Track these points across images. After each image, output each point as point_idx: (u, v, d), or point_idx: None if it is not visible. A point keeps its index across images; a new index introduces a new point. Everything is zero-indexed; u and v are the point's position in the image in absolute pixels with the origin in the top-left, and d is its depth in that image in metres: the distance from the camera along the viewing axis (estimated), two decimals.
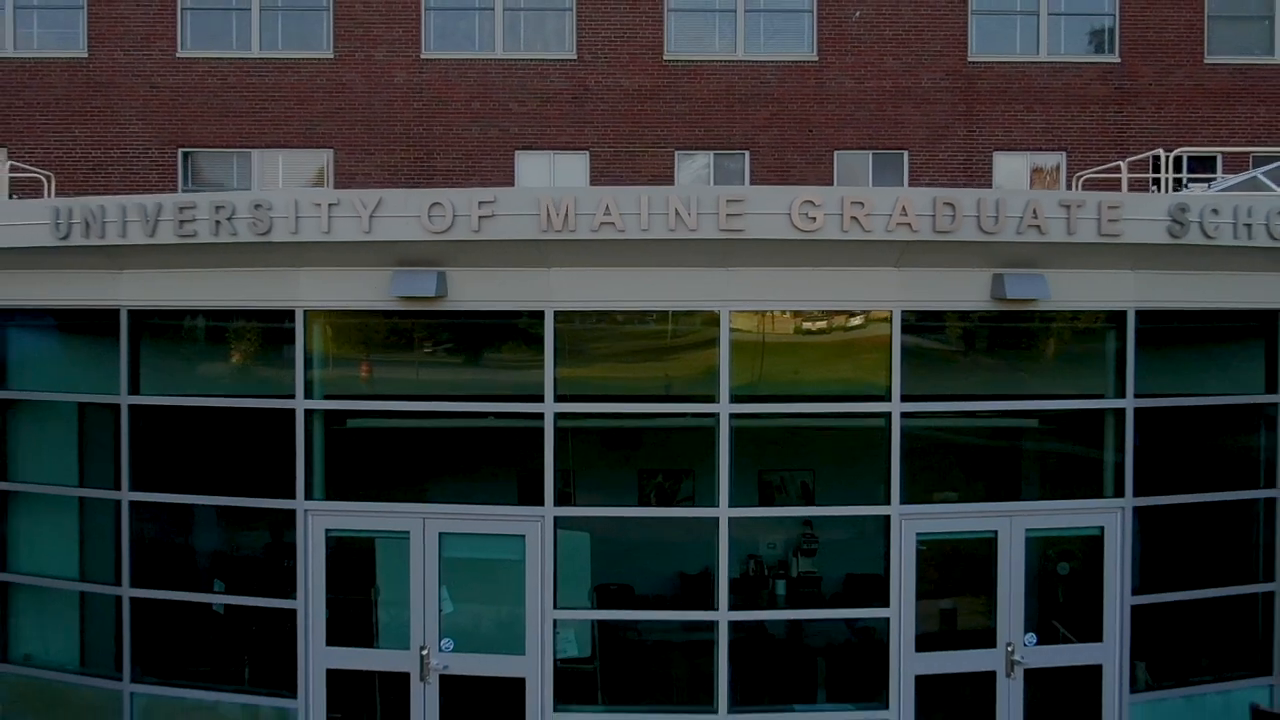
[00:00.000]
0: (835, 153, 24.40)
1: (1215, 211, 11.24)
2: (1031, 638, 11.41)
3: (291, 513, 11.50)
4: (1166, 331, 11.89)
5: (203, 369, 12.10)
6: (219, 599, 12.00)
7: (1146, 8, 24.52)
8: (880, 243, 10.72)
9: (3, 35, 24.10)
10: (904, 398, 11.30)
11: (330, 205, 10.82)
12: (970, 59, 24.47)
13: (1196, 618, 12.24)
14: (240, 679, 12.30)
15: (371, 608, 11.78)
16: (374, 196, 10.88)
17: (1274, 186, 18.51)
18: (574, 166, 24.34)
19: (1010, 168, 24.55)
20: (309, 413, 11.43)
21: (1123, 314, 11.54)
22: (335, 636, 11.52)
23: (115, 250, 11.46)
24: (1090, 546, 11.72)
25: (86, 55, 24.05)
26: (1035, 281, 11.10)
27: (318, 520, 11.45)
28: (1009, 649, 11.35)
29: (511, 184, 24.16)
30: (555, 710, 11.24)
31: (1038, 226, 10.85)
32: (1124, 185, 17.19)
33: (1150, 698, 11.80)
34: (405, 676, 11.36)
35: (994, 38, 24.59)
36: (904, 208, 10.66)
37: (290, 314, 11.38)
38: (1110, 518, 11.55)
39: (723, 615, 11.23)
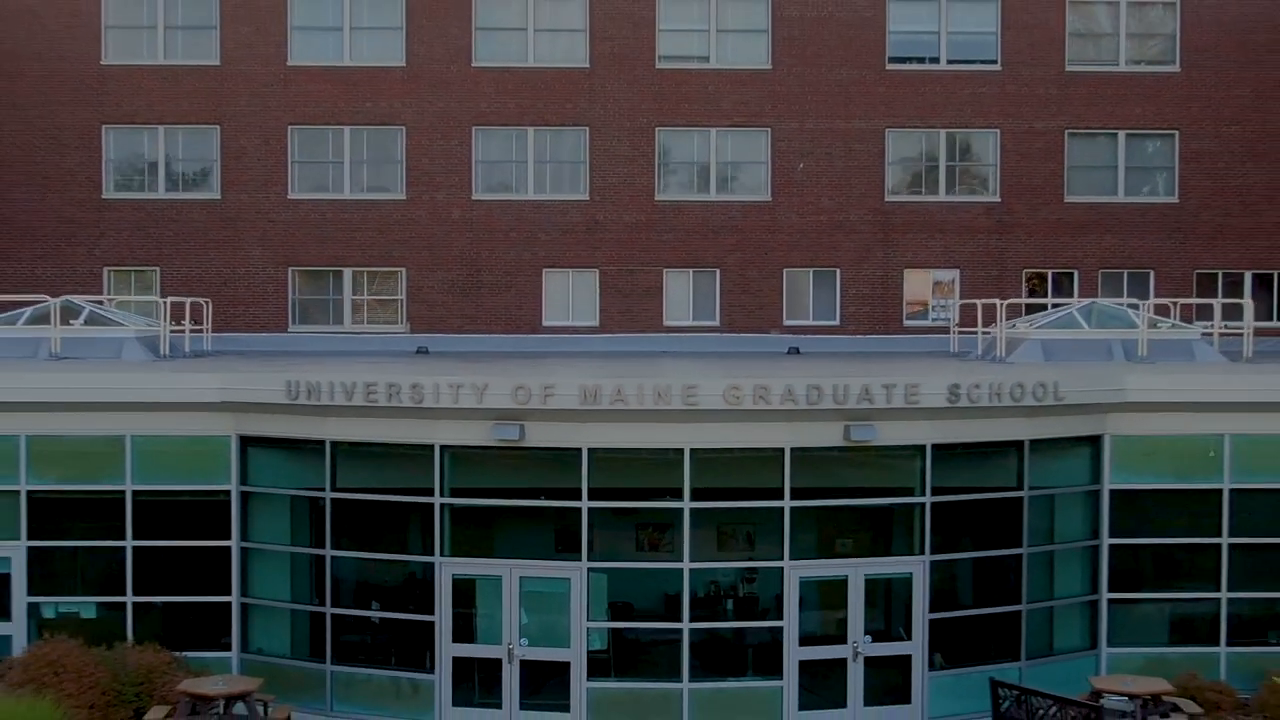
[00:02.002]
0: (784, 270, 32.21)
1: (977, 386, 19.12)
2: (868, 638, 19.24)
3: (431, 564, 19.35)
4: (954, 453, 19.73)
5: (377, 475, 19.93)
6: (383, 614, 19.83)
7: (1021, 160, 32.35)
8: (776, 410, 18.58)
9: (156, 182, 31.90)
10: (792, 496, 19.14)
11: (458, 387, 18.67)
12: (887, 199, 32.28)
13: (977, 624, 20.09)
14: (389, 662, 20.09)
15: (475, 619, 19.59)
16: (484, 380, 18.73)
17: (1084, 323, 26.27)
18: (587, 281, 32.16)
19: (918, 285, 32.39)
20: (443, 505, 19.28)
21: (924, 446, 19.39)
22: (456, 636, 19.37)
23: (325, 407, 19.30)
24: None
25: (220, 197, 31.84)
26: (869, 430, 18.91)
27: (446, 568, 19.32)
28: (854, 644, 19.21)
29: (540, 295, 31.97)
30: (587, 681, 19.06)
31: (869, 399, 18.72)
32: (979, 313, 25.16)
33: (943, 675, 19.66)
34: (498, 661, 19.21)
35: (904, 183, 32.42)
36: (789, 390, 18.53)
37: (431, 447, 19.22)
38: (917, 567, 19.42)
39: (685, 626, 19.08)
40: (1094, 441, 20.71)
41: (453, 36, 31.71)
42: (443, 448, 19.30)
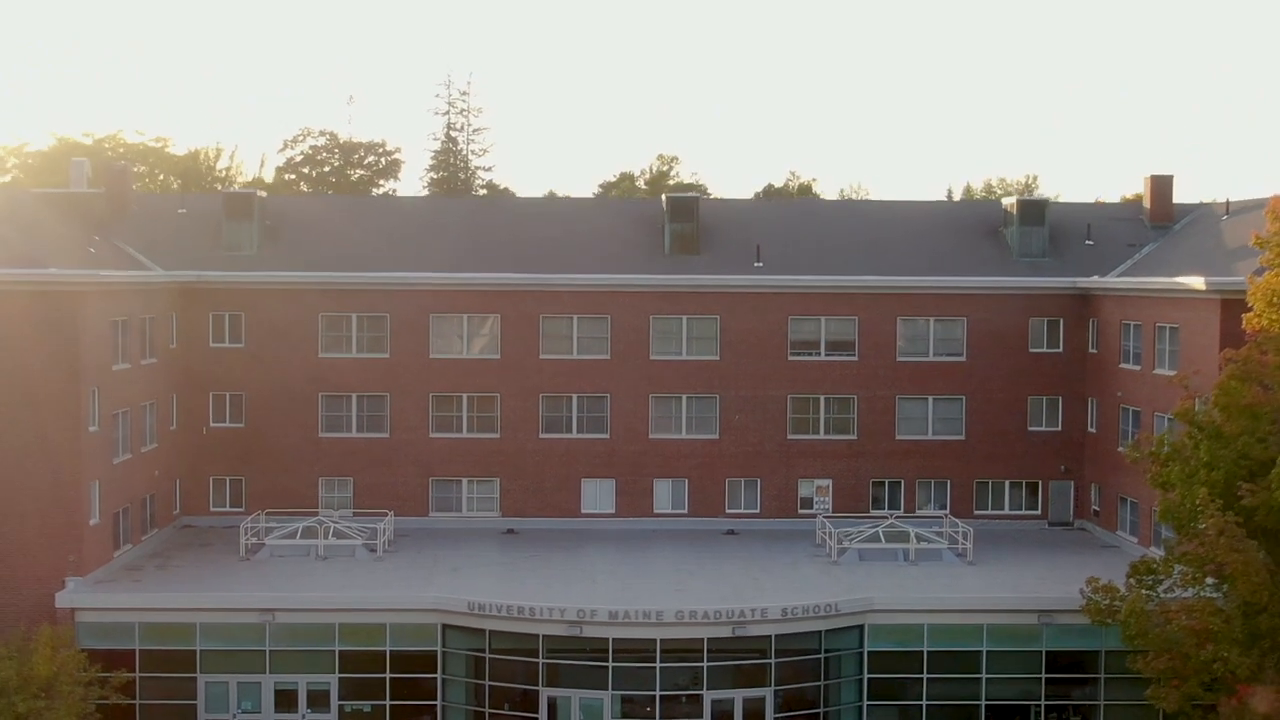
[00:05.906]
0: (726, 479, 53.48)
1: (796, 607, 40.42)
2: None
3: (537, 690, 40.67)
4: (788, 637, 40.90)
5: (510, 645, 41.13)
6: (513, 713, 41.15)
7: (869, 415, 53.48)
8: (699, 621, 39.92)
9: (352, 427, 53.15)
10: (707, 659, 40.41)
11: (550, 608, 40.04)
12: (788, 438, 53.52)
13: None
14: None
15: (558, 716, 40.83)
16: (562, 606, 40.05)
17: (882, 539, 47.68)
18: (608, 486, 53.35)
19: (807, 488, 53.59)
20: (543, 662, 40.60)
21: (771, 635, 40.62)
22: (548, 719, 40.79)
23: (485, 615, 40.62)
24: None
25: (389, 436, 53.13)
26: (744, 629, 40.15)
27: (545, 692, 40.63)
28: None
29: (579, 494, 53.26)
30: None
31: (744, 615, 40.01)
32: (829, 530, 46.54)
33: None
34: None
35: (799, 428, 53.60)
36: (705, 612, 39.89)
37: (537, 635, 40.54)
38: (769, 694, 40.71)
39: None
40: (860, 628, 41.89)
41: (528, 341, 53.01)
42: (542, 635, 40.56)
